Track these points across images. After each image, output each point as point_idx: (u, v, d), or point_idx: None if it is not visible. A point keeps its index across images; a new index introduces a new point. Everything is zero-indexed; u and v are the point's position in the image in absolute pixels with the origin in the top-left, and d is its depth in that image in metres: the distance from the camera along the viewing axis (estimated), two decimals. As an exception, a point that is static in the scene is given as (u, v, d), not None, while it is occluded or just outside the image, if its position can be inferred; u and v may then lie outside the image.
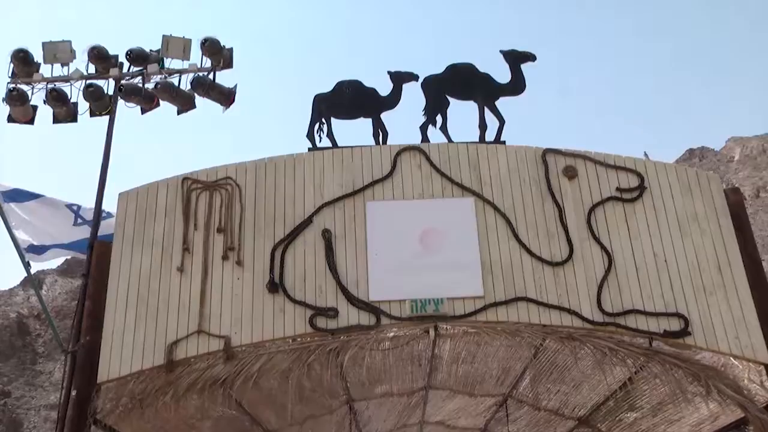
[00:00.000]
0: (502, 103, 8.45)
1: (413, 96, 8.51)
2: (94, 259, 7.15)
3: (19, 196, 7.86)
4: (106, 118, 8.33)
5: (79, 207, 8.08)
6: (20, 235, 7.31)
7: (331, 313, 6.93)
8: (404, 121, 8.67)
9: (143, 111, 8.51)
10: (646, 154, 9.63)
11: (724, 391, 6.77)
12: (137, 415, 6.72)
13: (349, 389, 9.29)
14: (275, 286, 7.02)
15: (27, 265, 7.00)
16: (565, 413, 10.03)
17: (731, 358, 7.20)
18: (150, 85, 8.44)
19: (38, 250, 7.52)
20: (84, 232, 7.86)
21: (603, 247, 7.28)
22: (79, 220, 7.99)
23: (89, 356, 6.73)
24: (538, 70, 8.59)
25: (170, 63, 8.49)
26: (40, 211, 7.78)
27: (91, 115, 8.52)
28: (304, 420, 10.00)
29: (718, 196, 7.59)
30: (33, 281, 8.87)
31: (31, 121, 8.43)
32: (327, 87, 8.69)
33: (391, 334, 7.18)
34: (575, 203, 7.50)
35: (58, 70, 8.41)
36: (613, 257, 7.23)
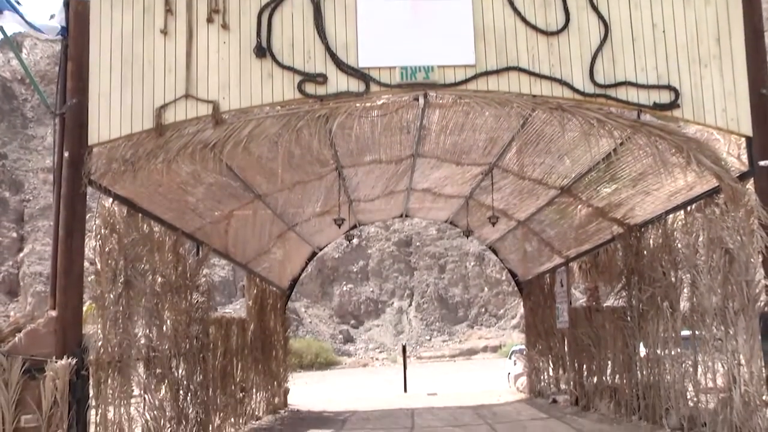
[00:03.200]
0: None
1: None
2: (72, 18, 6.81)
3: None
4: None
5: None
6: None
7: (320, 79, 6.82)
8: None
9: None
10: None
11: (703, 161, 6.96)
12: (130, 177, 6.85)
13: (338, 157, 9.47)
14: (263, 50, 6.83)
15: None
16: (549, 183, 10.36)
17: (714, 133, 7.30)
18: None
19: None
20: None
21: (600, 17, 7.03)
22: None
23: (78, 118, 6.69)
24: None
25: None
26: None
27: None
28: (293, 185, 10.31)
29: (731, -39, 7.18)
30: (11, 43, 8.48)
31: None
32: None
33: (380, 102, 7.16)
34: (576, -32, 7.10)
35: None
36: (610, 27, 7.01)
